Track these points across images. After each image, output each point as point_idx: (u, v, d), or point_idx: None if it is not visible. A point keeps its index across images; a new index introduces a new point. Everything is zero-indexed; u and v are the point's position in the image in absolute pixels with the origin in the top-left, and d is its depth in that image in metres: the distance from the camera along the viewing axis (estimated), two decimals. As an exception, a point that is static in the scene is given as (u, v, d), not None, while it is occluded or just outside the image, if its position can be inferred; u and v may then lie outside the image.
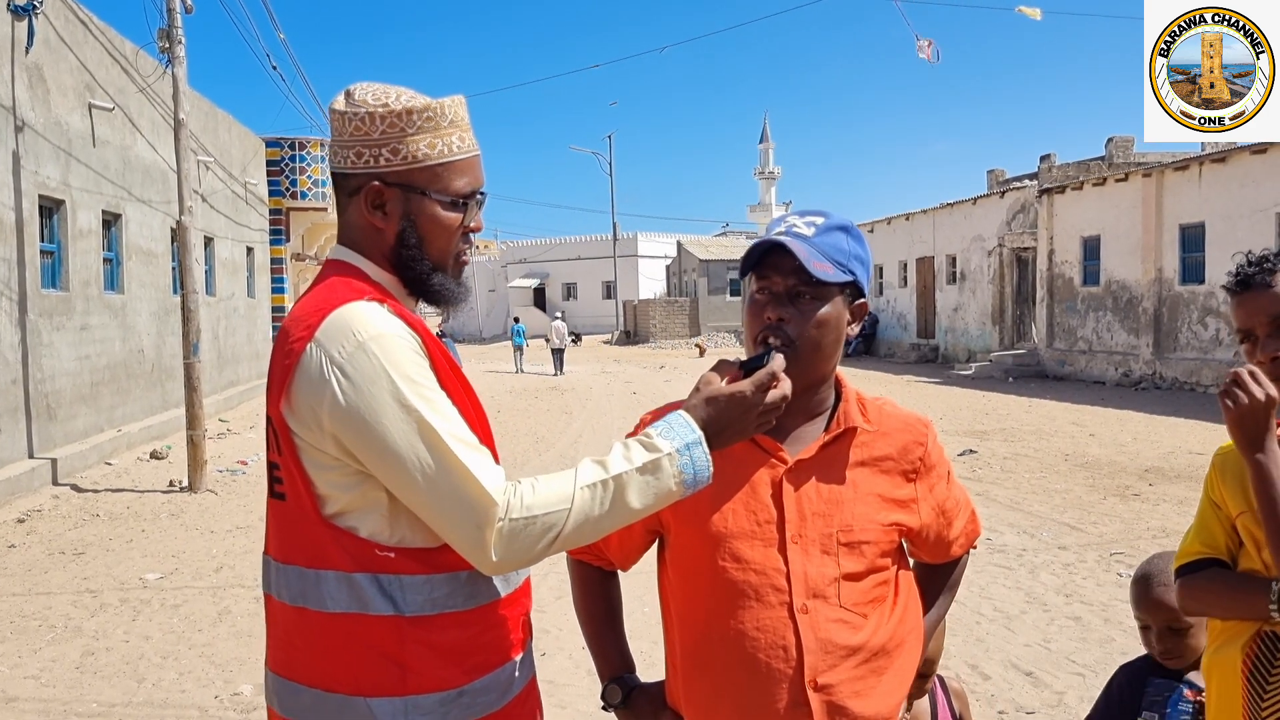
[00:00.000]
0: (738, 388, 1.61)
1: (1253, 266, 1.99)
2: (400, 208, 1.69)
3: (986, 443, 13.39)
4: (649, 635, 4.51)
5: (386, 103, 1.66)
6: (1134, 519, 8.65)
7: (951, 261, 30.51)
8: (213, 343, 18.77)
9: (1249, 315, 1.99)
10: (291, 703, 1.67)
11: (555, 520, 1.53)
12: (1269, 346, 1.94)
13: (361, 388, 1.54)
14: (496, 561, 1.53)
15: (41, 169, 11.89)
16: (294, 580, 1.64)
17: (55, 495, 10.60)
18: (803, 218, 1.83)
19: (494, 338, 54.60)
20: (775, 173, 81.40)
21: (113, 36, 14.38)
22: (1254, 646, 1.95)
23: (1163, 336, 21.35)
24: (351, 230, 1.74)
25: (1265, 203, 18.29)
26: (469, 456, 1.54)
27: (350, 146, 1.68)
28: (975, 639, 5.61)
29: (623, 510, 1.57)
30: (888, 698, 1.80)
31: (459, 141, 1.70)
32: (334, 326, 1.57)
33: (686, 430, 1.59)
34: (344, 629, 1.60)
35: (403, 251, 1.70)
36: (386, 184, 1.67)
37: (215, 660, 5.51)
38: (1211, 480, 2.11)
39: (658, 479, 1.56)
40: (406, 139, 1.66)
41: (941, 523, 1.92)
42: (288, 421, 1.60)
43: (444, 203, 1.69)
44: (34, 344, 11.54)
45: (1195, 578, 2.04)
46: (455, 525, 1.53)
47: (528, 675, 1.77)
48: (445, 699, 1.62)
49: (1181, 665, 2.43)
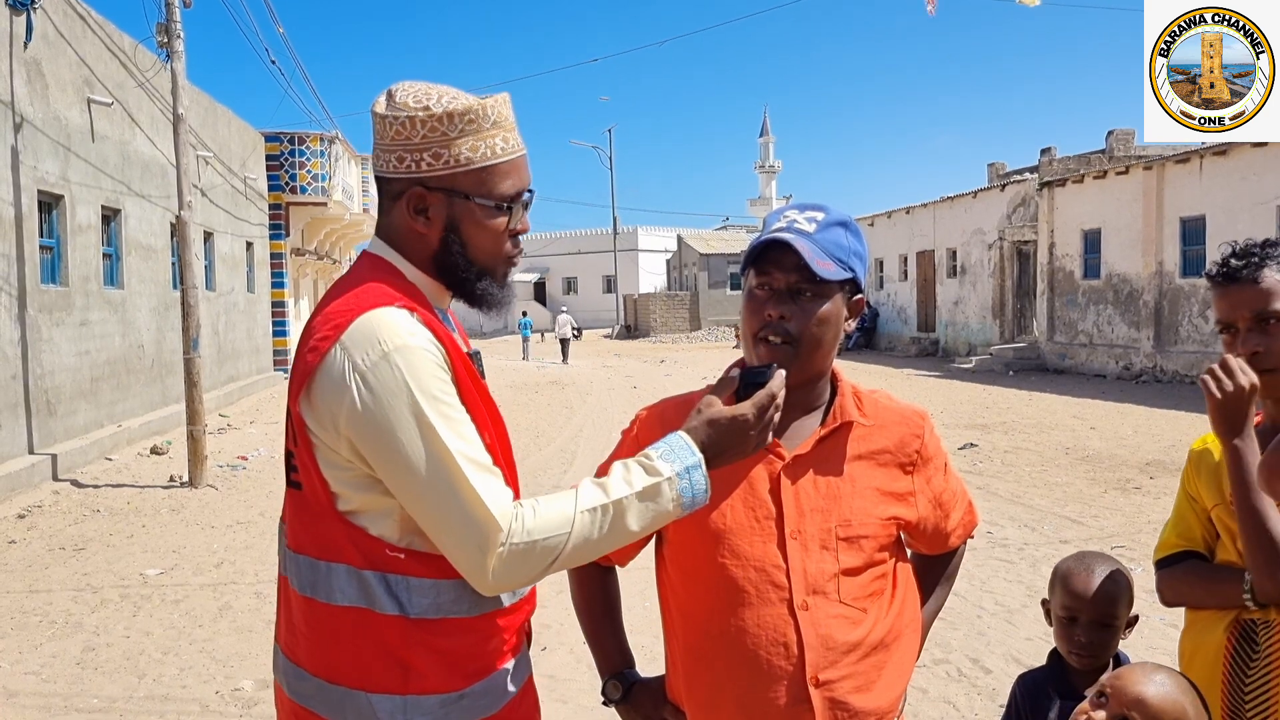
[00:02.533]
0: (739, 411, 1.61)
1: (1239, 259, 1.98)
2: (443, 213, 1.65)
3: (987, 436, 13.38)
4: (649, 630, 4.51)
5: (428, 105, 1.62)
6: (1135, 512, 8.65)
7: (952, 255, 30.49)
8: (212, 338, 18.76)
9: (1232, 308, 1.98)
10: (297, 686, 1.70)
11: (555, 544, 1.53)
12: (1249, 341, 1.94)
13: (381, 398, 1.53)
14: (494, 583, 1.54)
15: (40, 164, 11.87)
16: (305, 570, 1.65)
17: (55, 491, 10.60)
18: (802, 212, 1.82)
19: (494, 332, 54.59)
20: (776, 166, 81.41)
21: (111, 31, 14.35)
22: (1232, 636, 1.98)
23: (1163, 330, 21.34)
24: (392, 230, 1.70)
25: (1266, 195, 18.26)
26: (478, 479, 1.53)
27: (392, 151, 1.64)
28: (976, 632, 5.61)
29: (621, 533, 1.58)
30: (888, 691, 1.80)
31: (503, 143, 1.66)
32: (360, 332, 1.56)
33: (687, 453, 1.60)
34: (350, 623, 1.61)
35: (446, 257, 1.68)
36: (429, 189, 1.64)
37: (216, 656, 5.52)
38: (1188, 474, 2.15)
39: (656, 503, 1.58)
40: (449, 143, 1.62)
41: (939, 514, 1.92)
42: (306, 418, 1.60)
43: (488, 207, 1.66)
44: (34, 339, 11.54)
45: (1173, 570, 2.09)
46: (457, 545, 1.53)
47: (524, 675, 1.78)
48: (446, 701, 1.62)
49: (1095, 664, 2.25)
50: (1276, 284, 1.94)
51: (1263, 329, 1.94)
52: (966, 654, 5.27)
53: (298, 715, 1.70)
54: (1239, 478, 1.86)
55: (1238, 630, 1.98)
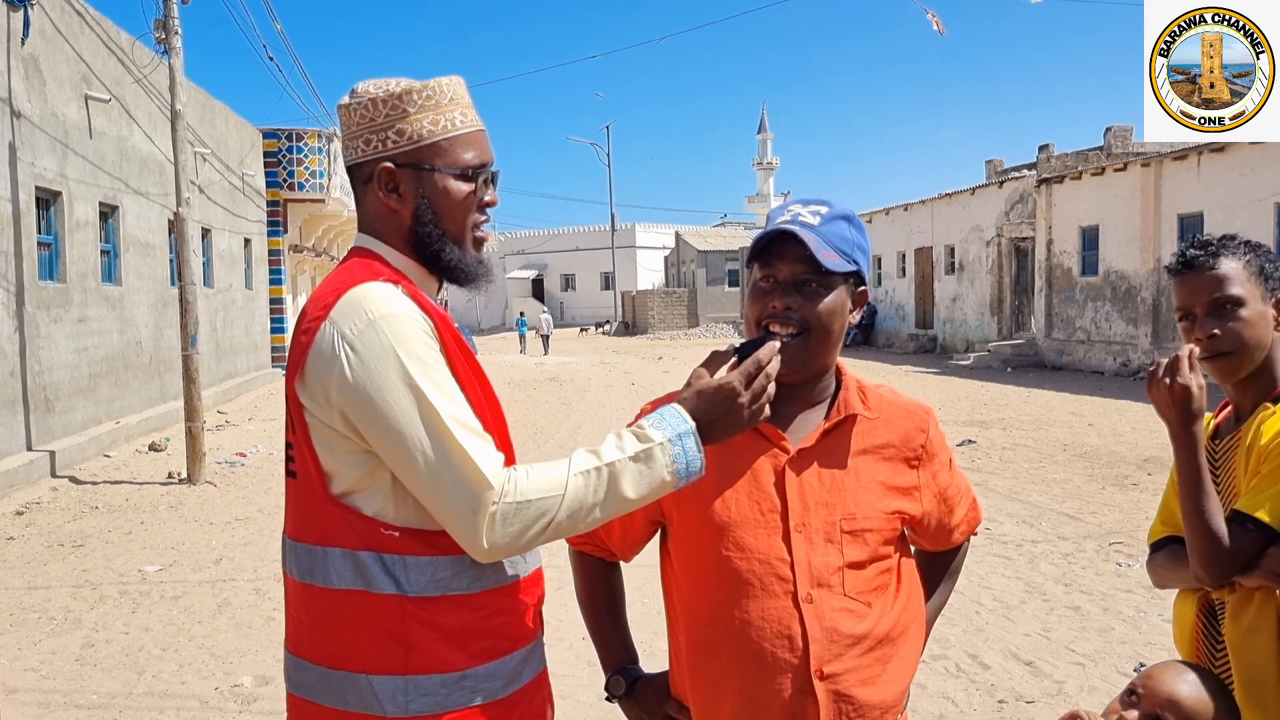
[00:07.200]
0: (726, 380, 1.63)
1: (1197, 249, 2.07)
2: (413, 188, 1.73)
3: (985, 433, 13.40)
4: (649, 626, 4.51)
5: (386, 88, 1.72)
6: (1133, 508, 8.66)
7: (950, 252, 30.50)
8: (210, 335, 18.75)
9: (1190, 294, 2.06)
10: (299, 678, 1.71)
11: (548, 506, 1.55)
12: (1207, 325, 2.02)
13: (369, 364, 1.57)
14: (488, 547, 1.55)
15: (38, 161, 11.85)
16: (303, 557, 1.67)
17: (54, 487, 10.59)
18: (806, 206, 1.83)
19: (492, 329, 54.59)
20: (774, 163, 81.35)
21: (109, 27, 14.33)
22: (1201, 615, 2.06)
23: (1161, 326, 21.34)
24: (370, 218, 1.77)
25: (1264, 192, 18.26)
26: (468, 440, 1.56)
27: (359, 135, 1.73)
28: (975, 628, 5.62)
29: (617, 498, 1.59)
30: (893, 685, 1.80)
31: (461, 117, 1.74)
32: (348, 305, 1.61)
33: (679, 421, 1.62)
34: (349, 605, 1.62)
35: (420, 230, 1.74)
36: (397, 165, 1.72)
37: (215, 652, 5.51)
38: None
39: (650, 468, 1.59)
40: (409, 118, 1.71)
41: (943, 510, 1.92)
42: (301, 398, 1.64)
43: (454, 174, 1.73)
44: (31, 336, 11.52)
45: (1156, 555, 2.17)
46: (450, 507, 1.55)
47: (537, 666, 1.77)
48: (447, 681, 1.63)
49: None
50: (1232, 271, 2.02)
51: (1219, 313, 2.02)
52: (965, 649, 5.28)
53: (299, 709, 1.71)
54: (1181, 470, 1.93)
55: (1205, 609, 2.06)
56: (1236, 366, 2.04)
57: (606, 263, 55.68)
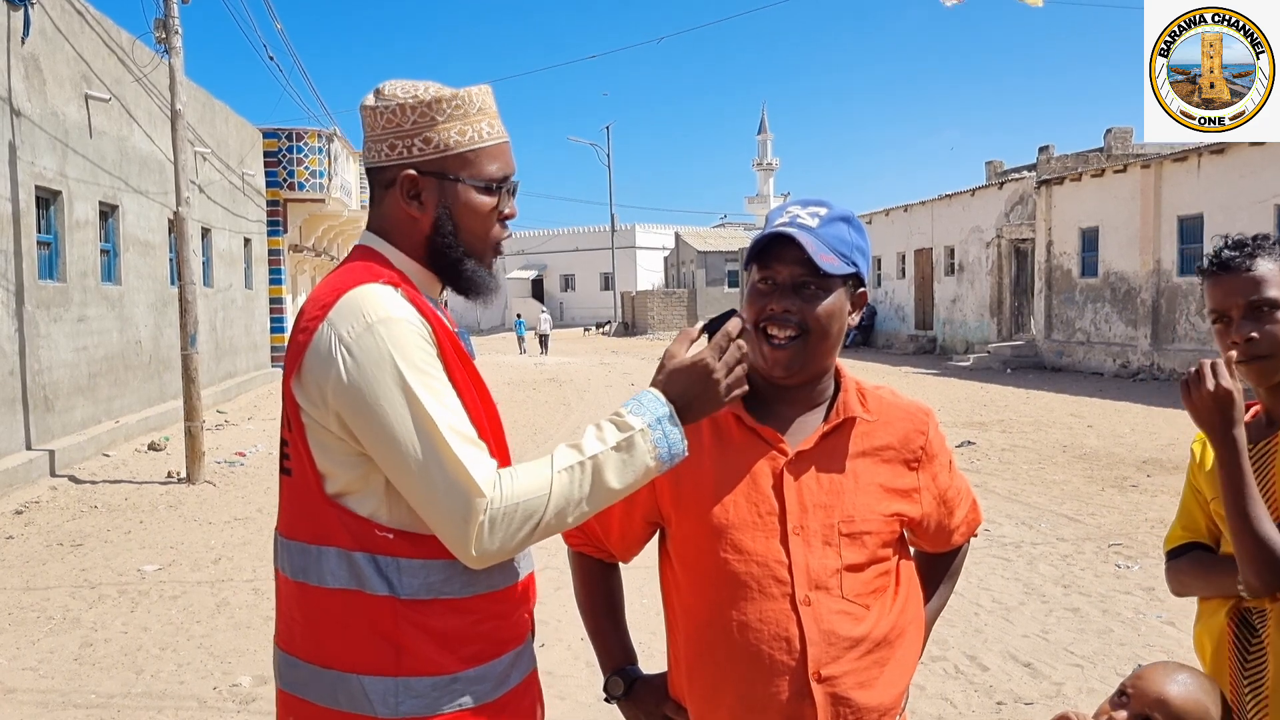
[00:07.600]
0: (698, 356, 1.63)
1: (1232, 250, 2.01)
2: (435, 197, 1.71)
3: (985, 434, 13.39)
4: (647, 627, 4.51)
5: (415, 94, 1.69)
6: (1132, 510, 8.66)
7: (950, 253, 30.50)
8: (210, 334, 18.74)
9: (1225, 296, 2.00)
10: (290, 675, 1.71)
11: (535, 507, 1.55)
12: (1244, 328, 1.96)
13: (365, 368, 1.56)
14: (477, 554, 1.55)
15: (38, 160, 11.85)
16: (297, 555, 1.68)
17: (53, 487, 10.59)
18: (805, 208, 1.83)
19: (491, 329, 54.57)
20: (773, 164, 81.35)
21: (109, 27, 14.32)
22: (1233, 623, 2.02)
23: (1161, 328, 21.35)
24: (384, 220, 1.75)
25: (1264, 194, 18.26)
26: (461, 448, 1.56)
27: (383, 139, 1.71)
28: (974, 630, 5.62)
29: (602, 490, 1.59)
30: (891, 688, 1.80)
31: (488, 128, 1.73)
32: (346, 307, 1.61)
33: (656, 405, 1.62)
34: (342, 605, 1.63)
35: (438, 239, 1.72)
36: (421, 173, 1.69)
37: (214, 651, 5.51)
38: (1192, 467, 2.18)
39: (632, 456, 1.59)
40: (437, 127, 1.68)
41: (943, 512, 1.92)
42: (297, 398, 1.64)
43: (478, 187, 1.71)
44: (31, 335, 11.52)
45: (1178, 561, 2.12)
46: (441, 513, 1.55)
47: (526, 668, 1.77)
48: (438, 684, 1.63)
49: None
50: (1269, 272, 1.96)
51: (1256, 316, 1.96)
52: (963, 651, 5.28)
53: (290, 706, 1.71)
54: (1226, 478, 1.86)
55: (1237, 617, 2.01)
56: (1273, 370, 1.98)
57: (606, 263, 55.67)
